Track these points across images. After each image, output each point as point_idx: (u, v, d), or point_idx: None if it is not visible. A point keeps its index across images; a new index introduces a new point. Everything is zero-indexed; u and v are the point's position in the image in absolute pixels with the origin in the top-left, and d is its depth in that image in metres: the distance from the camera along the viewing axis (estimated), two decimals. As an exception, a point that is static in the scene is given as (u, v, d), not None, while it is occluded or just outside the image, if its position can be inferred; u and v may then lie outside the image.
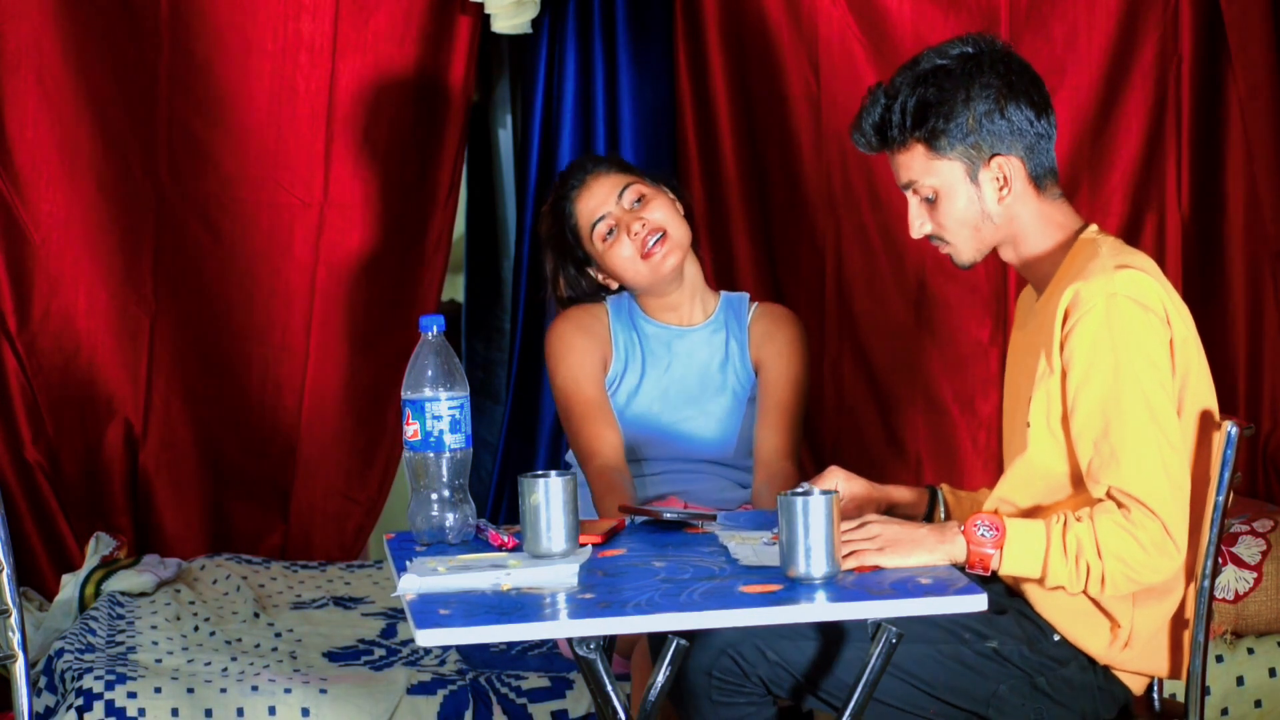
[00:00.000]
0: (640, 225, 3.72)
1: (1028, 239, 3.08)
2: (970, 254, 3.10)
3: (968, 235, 3.08)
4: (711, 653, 2.94)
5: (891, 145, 3.07)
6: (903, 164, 3.07)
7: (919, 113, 3.02)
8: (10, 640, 3.16)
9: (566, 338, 3.80)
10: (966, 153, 3.02)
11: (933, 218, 3.08)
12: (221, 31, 4.53)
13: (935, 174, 3.05)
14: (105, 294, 4.56)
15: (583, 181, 3.80)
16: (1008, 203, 3.05)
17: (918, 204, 3.09)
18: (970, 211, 3.06)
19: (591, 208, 3.77)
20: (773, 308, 3.91)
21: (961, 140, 3.02)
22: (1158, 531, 2.88)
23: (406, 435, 3.02)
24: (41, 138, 4.51)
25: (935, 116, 3.01)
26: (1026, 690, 3.01)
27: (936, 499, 3.23)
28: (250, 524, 4.70)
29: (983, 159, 3.02)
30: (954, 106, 3.01)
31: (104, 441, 4.59)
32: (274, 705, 3.64)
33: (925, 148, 3.03)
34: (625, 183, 3.78)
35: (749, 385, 3.81)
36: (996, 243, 3.09)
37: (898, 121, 3.03)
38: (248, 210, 4.59)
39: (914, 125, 3.02)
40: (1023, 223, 3.07)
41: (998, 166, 3.03)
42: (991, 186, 3.04)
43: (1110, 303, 2.92)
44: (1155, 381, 2.92)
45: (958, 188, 3.05)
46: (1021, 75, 3.04)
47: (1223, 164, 4.56)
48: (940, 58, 3.04)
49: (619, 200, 3.76)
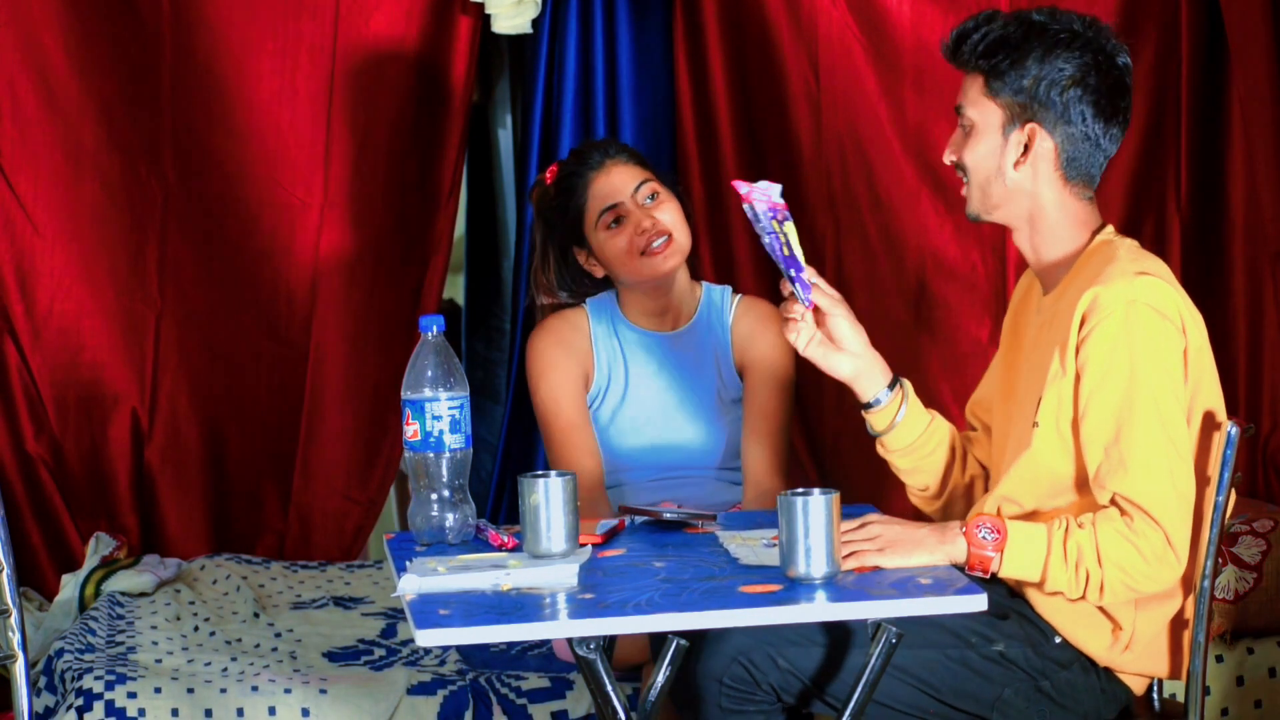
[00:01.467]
0: (651, 224, 3.70)
1: (1045, 224, 3.07)
2: (975, 204, 3.10)
3: (978, 182, 3.08)
4: (723, 660, 2.94)
5: (959, 61, 3.08)
6: (963, 86, 3.09)
7: (994, 45, 3.02)
8: (10, 640, 3.16)
9: (548, 354, 3.76)
10: (1011, 105, 3.03)
11: (960, 149, 3.09)
12: (222, 31, 4.53)
13: (979, 109, 3.06)
14: (110, 292, 4.57)
15: (602, 165, 3.76)
16: (1024, 174, 3.04)
17: (960, 131, 3.10)
18: (988, 161, 3.06)
19: (606, 193, 3.73)
20: (755, 304, 3.85)
21: (1014, 93, 3.02)
22: (1159, 542, 2.87)
23: (406, 435, 3.02)
24: (44, 137, 4.51)
25: (1005, 57, 3.01)
26: (1030, 693, 3.01)
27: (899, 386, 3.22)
28: (250, 523, 4.70)
29: (1021, 120, 3.02)
30: (1025, 59, 3.01)
31: (108, 439, 4.59)
32: (274, 705, 3.64)
33: (983, 81, 3.04)
34: (643, 177, 3.75)
35: (734, 387, 3.78)
36: (1005, 209, 3.07)
37: (973, 43, 3.04)
38: (249, 210, 4.60)
39: (984, 54, 3.03)
40: (1041, 202, 3.06)
41: (1029, 133, 3.03)
42: (1015, 149, 3.04)
43: (1129, 309, 2.91)
44: (1169, 391, 2.91)
45: (989, 132, 3.05)
46: (1105, 77, 3.03)
47: (1223, 164, 4.56)
48: (1051, 18, 3.04)
49: (634, 193, 3.73)
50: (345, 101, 4.58)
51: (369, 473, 4.70)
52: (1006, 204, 3.07)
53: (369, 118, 4.59)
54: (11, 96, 4.49)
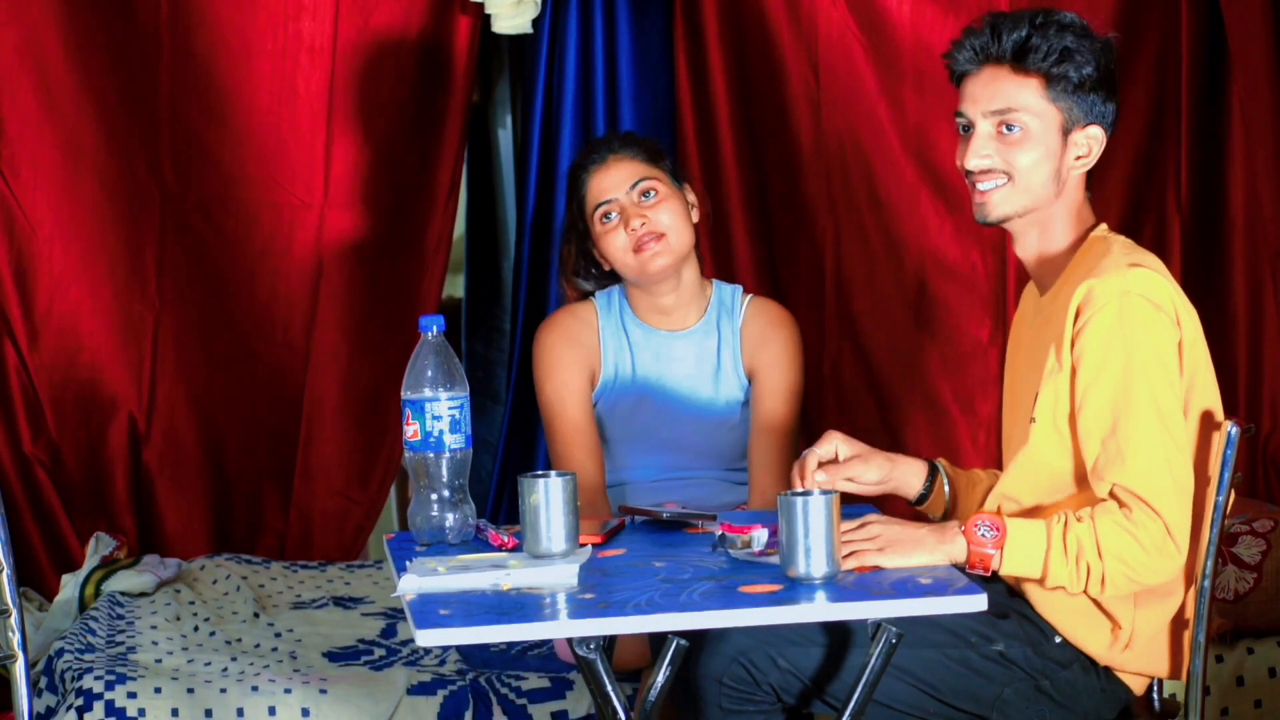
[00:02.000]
0: (641, 223, 3.68)
1: (1054, 224, 3.07)
2: (1012, 205, 3.05)
3: (1027, 184, 3.04)
4: (723, 660, 2.94)
5: (1010, 63, 3.03)
6: (1003, 90, 3.04)
7: (1064, 52, 3.01)
8: (10, 640, 3.16)
9: (555, 351, 3.74)
10: (1071, 109, 3.02)
11: (1005, 153, 3.05)
12: (222, 32, 4.53)
13: (1037, 113, 3.03)
14: (109, 292, 4.57)
15: (603, 160, 3.74)
16: (1077, 174, 3.05)
17: (989, 135, 3.05)
18: (1046, 165, 3.03)
19: (602, 189, 3.72)
20: (766, 306, 3.82)
21: (1076, 98, 3.01)
22: (1159, 532, 2.88)
23: (406, 435, 3.01)
24: (43, 137, 4.51)
25: (1071, 63, 3.00)
26: (1031, 693, 3.01)
27: (937, 471, 3.21)
28: (250, 523, 4.70)
29: (1080, 122, 3.02)
30: (1086, 64, 3.00)
31: (106, 440, 4.59)
32: (274, 705, 3.64)
33: (1043, 83, 3.02)
34: (642, 175, 3.71)
35: (742, 389, 3.76)
36: (1036, 211, 3.06)
37: (1038, 45, 3.01)
38: (249, 210, 4.60)
39: (1046, 58, 3.01)
40: (1067, 202, 3.06)
41: (1091, 135, 3.03)
42: (1075, 150, 3.04)
43: (1123, 301, 2.92)
44: (1165, 382, 2.92)
45: (1049, 134, 3.03)
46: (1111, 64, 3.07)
47: (1223, 164, 4.56)
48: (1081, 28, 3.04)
49: (630, 190, 3.71)
50: (345, 101, 4.58)
51: (369, 473, 4.70)
52: (1044, 206, 3.06)
53: (368, 118, 4.60)
54: (11, 96, 4.49)
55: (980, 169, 3.05)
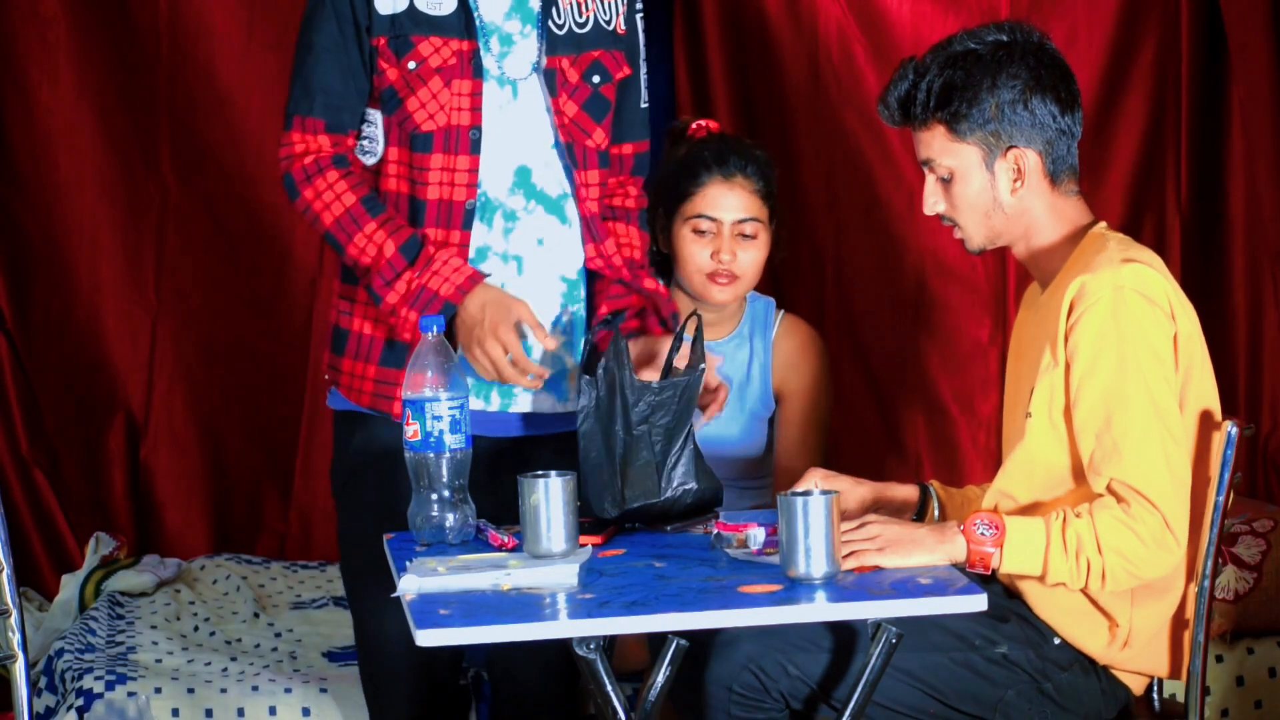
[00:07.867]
0: (730, 257, 3.66)
1: (1039, 232, 3.08)
2: (980, 239, 3.10)
3: (978, 220, 3.07)
4: (733, 667, 2.93)
5: (914, 121, 3.07)
6: (923, 141, 3.07)
7: (943, 94, 3.01)
8: (10, 640, 3.16)
9: None
10: (985, 140, 3.02)
11: (946, 198, 3.08)
12: (220, 31, 4.53)
13: (953, 155, 3.04)
14: (107, 293, 4.57)
15: (729, 176, 3.68)
16: (1021, 195, 3.05)
17: (934, 182, 3.08)
18: (982, 198, 3.05)
19: (713, 204, 3.67)
20: (798, 326, 3.83)
21: (981, 127, 3.01)
22: (1158, 526, 2.87)
23: (406, 435, 3.01)
24: (43, 137, 4.51)
25: (959, 100, 3.01)
26: (1033, 695, 3.01)
27: (929, 495, 3.22)
28: (250, 523, 4.70)
29: (1000, 148, 3.02)
30: (978, 92, 3.00)
31: (105, 440, 4.59)
32: (274, 705, 3.64)
33: (946, 129, 3.03)
34: (753, 214, 3.67)
35: (768, 405, 3.76)
36: (1007, 233, 3.08)
37: (922, 100, 3.03)
38: (249, 209, 4.60)
39: (937, 106, 3.02)
40: (1035, 215, 3.06)
41: (1014, 159, 3.02)
42: (1006, 177, 3.04)
43: (1117, 295, 2.92)
44: (1159, 375, 2.92)
45: (973, 173, 3.04)
46: (1052, 69, 3.03)
47: (1223, 164, 4.56)
48: (973, 41, 3.03)
49: (737, 222, 3.67)
50: (344, 101, 4.57)
51: (369, 473, 4.70)
52: (1008, 229, 3.08)
53: (368, 117, 4.59)
54: (10, 96, 4.49)
55: (934, 214, 3.10)
